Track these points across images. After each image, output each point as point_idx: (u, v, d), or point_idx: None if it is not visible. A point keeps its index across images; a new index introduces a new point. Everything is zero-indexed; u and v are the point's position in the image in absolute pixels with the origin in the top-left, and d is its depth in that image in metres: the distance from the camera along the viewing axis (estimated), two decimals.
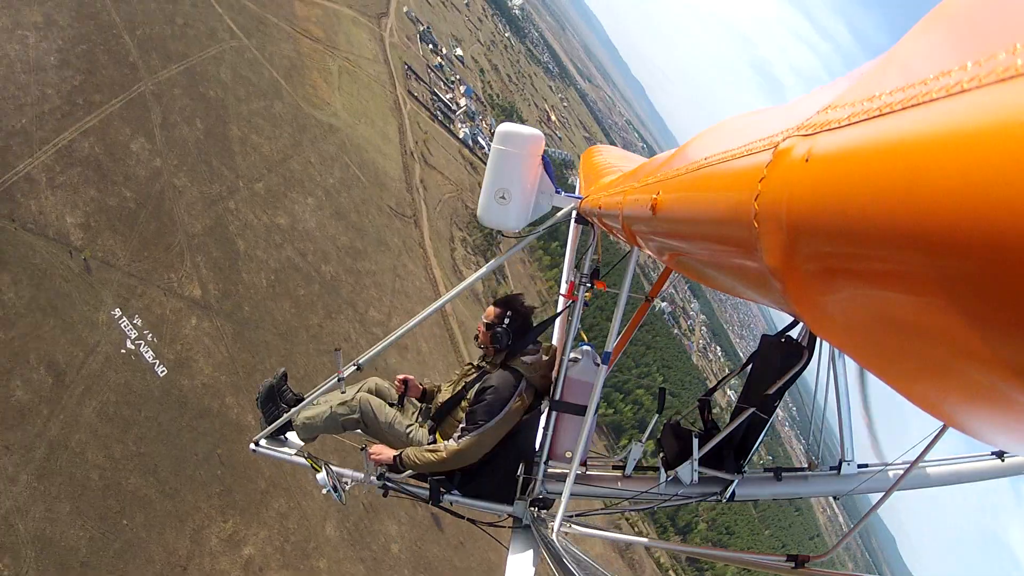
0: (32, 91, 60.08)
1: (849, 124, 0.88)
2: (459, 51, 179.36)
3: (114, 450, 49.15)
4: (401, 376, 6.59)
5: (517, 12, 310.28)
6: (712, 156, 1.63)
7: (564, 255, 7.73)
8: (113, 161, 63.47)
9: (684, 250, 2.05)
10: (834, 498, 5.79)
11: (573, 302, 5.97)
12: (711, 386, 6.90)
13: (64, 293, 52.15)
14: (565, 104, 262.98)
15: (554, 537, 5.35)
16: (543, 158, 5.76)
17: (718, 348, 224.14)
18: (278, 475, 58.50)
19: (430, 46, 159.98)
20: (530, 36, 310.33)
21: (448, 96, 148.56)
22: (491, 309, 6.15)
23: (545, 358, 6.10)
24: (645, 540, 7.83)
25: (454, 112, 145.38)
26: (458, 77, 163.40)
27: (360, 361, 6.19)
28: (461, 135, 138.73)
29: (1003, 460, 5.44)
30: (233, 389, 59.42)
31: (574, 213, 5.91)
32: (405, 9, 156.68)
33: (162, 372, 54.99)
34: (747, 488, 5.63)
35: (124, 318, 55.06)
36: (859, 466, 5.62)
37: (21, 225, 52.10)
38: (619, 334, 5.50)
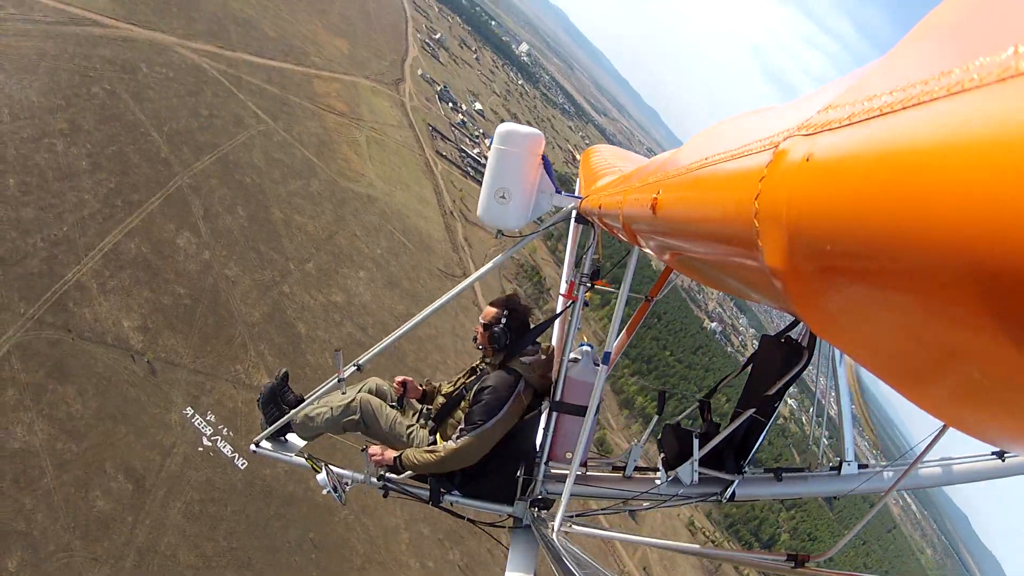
0: (69, 198, 60.66)
1: (850, 123, 0.87)
2: (478, 105, 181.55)
3: (205, 548, 48.76)
4: (400, 378, 6.65)
5: (526, 59, 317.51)
6: (712, 156, 1.62)
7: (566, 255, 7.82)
8: (162, 259, 64.06)
9: (685, 249, 2.01)
10: (833, 498, 5.83)
11: (573, 302, 6.03)
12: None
13: (132, 398, 51.91)
14: (587, 142, 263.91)
15: (554, 537, 5.29)
16: (543, 158, 5.83)
17: None
18: (372, 550, 58.49)
19: (449, 104, 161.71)
20: (542, 80, 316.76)
21: (475, 151, 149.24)
22: (489, 310, 6.20)
23: (544, 358, 6.13)
24: (645, 539, 7.59)
25: (484, 165, 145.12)
26: (481, 131, 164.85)
27: (360, 362, 6.24)
28: None
29: (1003, 460, 5.31)
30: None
31: (574, 213, 6.00)
32: (419, 72, 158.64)
33: (242, 464, 54.15)
34: (747, 488, 5.60)
35: (197, 416, 54.66)
36: (859, 466, 5.59)
37: (78, 335, 51.93)
38: (619, 334, 5.57)
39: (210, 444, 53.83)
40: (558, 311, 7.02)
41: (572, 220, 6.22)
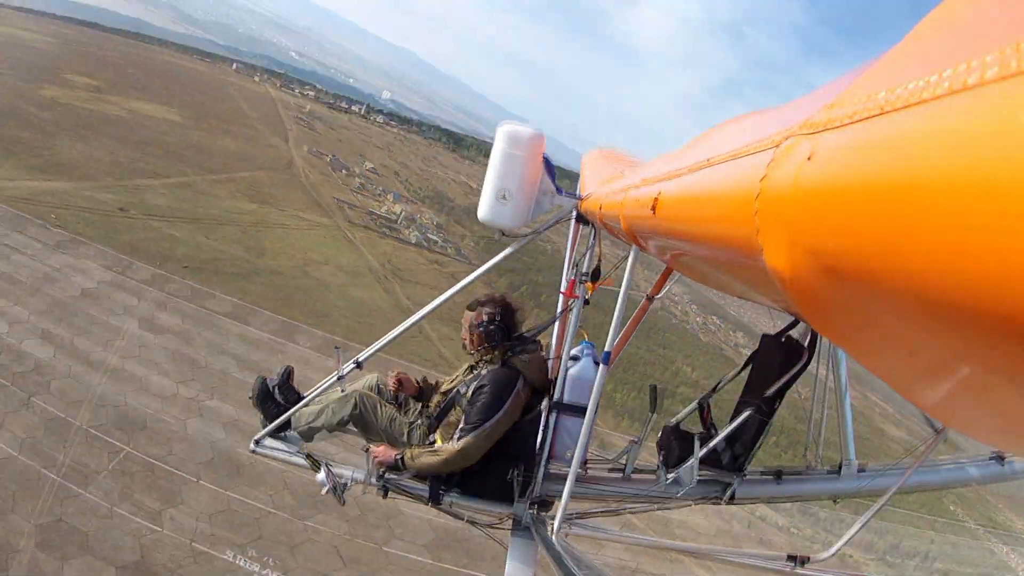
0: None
1: (852, 122, 0.86)
2: (368, 164, 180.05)
3: None
4: (396, 375, 6.62)
5: (392, 106, 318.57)
6: (714, 156, 1.63)
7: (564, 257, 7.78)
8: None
9: (685, 250, 2.06)
10: (834, 501, 5.84)
11: (573, 300, 6.01)
12: (713, 384, 6.53)
13: None
14: (474, 169, 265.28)
15: (554, 538, 5.37)
16: (544, 158, 5.81)
17: (714, 317, 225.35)
18: None
19: (343, 171, 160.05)
20: (413, 121, 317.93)
21: (383, 209, 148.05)
22: (478, 311, 6.16)
23: (543, 354, 6.18)
24: (645, 539, 7.86)
25: (395, 222, 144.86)
26: (381, 188, 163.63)
27: (360, 359, 6.32)
28: (414, 240, 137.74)
29: (1003, 463, 5.36)
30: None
31: (575, 212, 6.08)
32: (306, 148, 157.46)
33: None
34: (748, 489, 5.67)
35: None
36: (859, 468, 5.64)
37: None
38: (619, 333, 5.52)
39: None
40: (559, 310, 7.03)
41: (573, 220, 6.32)
